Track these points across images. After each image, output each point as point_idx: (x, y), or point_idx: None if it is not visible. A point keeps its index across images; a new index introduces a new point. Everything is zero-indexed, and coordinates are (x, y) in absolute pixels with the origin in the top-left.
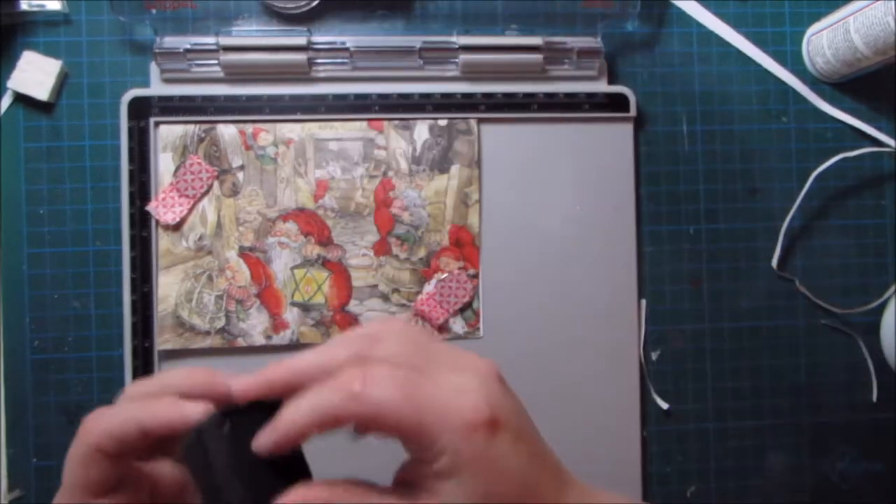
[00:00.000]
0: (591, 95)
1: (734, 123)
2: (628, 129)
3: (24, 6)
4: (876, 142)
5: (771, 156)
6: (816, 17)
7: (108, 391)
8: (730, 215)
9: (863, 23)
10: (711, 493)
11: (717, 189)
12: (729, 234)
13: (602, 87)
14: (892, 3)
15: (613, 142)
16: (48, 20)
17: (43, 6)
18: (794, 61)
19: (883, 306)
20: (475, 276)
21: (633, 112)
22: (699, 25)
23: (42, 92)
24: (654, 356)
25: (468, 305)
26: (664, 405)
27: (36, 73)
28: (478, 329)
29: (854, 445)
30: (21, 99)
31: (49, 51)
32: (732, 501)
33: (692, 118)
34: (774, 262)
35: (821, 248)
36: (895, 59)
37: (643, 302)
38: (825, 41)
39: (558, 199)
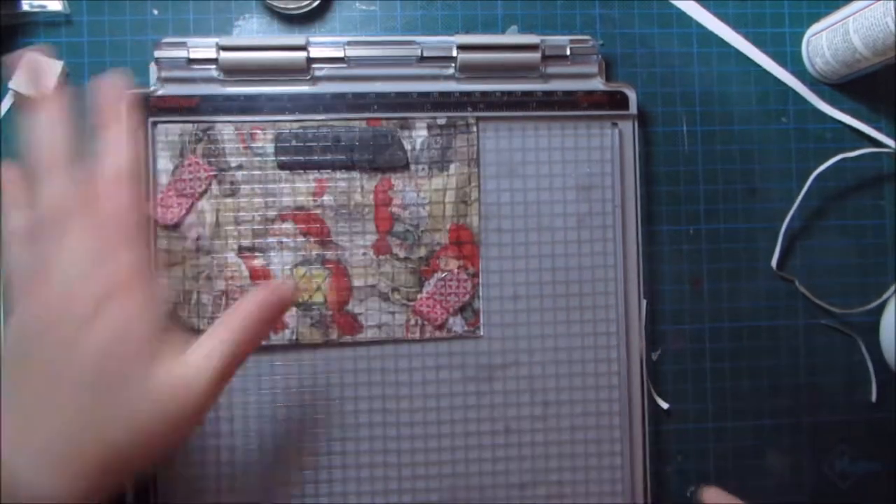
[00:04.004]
0: (589, 94)
1: (734, 124)
2: (628, 126)
3: (25, 7)
4: (875, 142)
5: (770, 156)
6: (816, 17)
7: None
8: (730, 215)
9: (862, 24)
10: None
11: (717, 189)
12: (729, 235)
13: (601, 84)
14: (892, 4)
15: (614, 140)
16: (49, 21)
17: (44, 7)
18: (793, 62)
19: (882, 307)
20: (475, 275)
21: (633, 110)
22: (699, 26)
23: None
24: (653, 356)
25: (468, 304)
26: (664, 405)
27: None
28: (478, 328)
29: (853, 445)
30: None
31: (50, 51)
32: None
33: (692, 118)
34: (774, 263)
35: (820, 249)
36: (894, 60)
37: (643, 302)
38: (824, 42)
39: (558, 197)
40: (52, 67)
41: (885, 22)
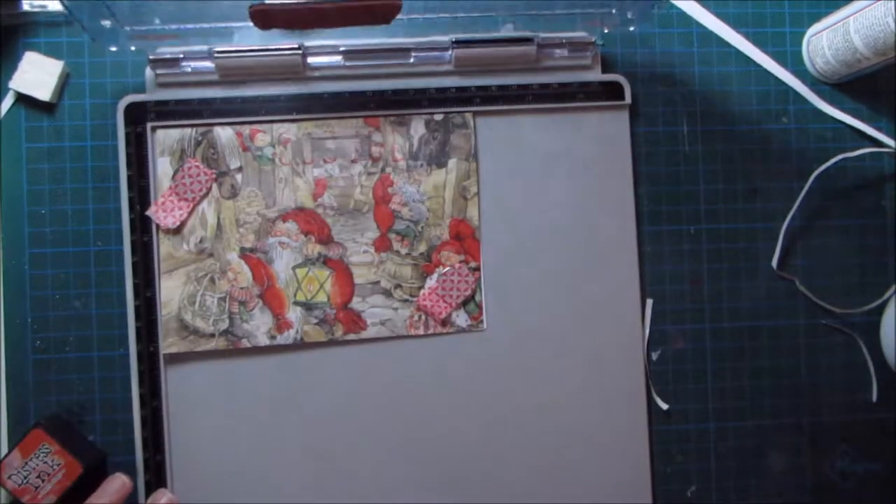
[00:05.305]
0: (584, 84)
1: (734, 123)
2: (624, 116)
3: (25, 7)
4: (876, 142)
5: (771, 156)
6: (816, 17)
7: (110, 391)
8: (730, 215)
9: (863, 23)
10: (711, 493)
11: (717, 189)
12: (729, 234)
13: (596, 76)
14: (892, 3)
15: (609, 130)
16: (50, 21)
17: (44, 7)
18: (794, 62)
19: (883, 306)
20: (477, 269)
21: (627, 100)
22: (699, 25)
23: (44, 92)
24: (654, 356)
25: (471, 298)
26: (664, 405)
27: (38, 74)
28: (481, 322)
29: (854, 445)
30: (23, 99)
31: (51, 51)
32: (732, 501)
33: (692, 118)
34: (774, 263)
35: (821, 248)
36: (895, 60)
37: (649, 301)
38: (825, 42)
39: (557, 188)
40: (53, 67)
41: (885, 22)
